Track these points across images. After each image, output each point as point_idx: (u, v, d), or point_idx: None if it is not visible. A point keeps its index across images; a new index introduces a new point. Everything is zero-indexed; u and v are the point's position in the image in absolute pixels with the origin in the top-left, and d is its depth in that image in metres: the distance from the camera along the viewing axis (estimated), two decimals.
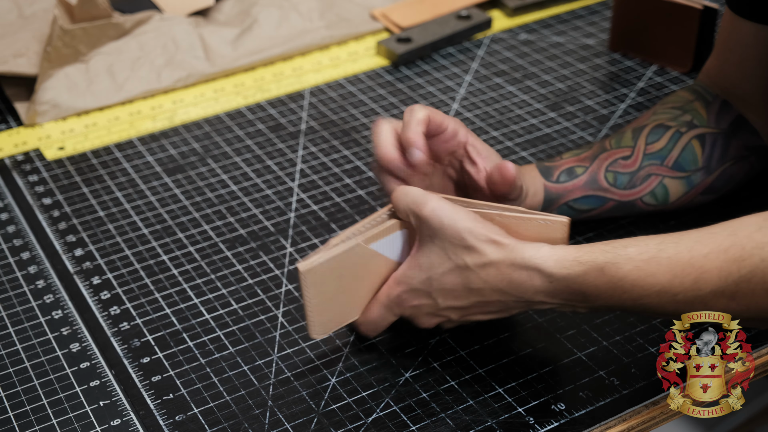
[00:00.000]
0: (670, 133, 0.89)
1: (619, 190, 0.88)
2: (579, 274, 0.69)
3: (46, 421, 0.76)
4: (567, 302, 0.72)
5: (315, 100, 1.17)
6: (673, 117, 0.90)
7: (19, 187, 1.03)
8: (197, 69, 1.19)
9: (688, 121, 0.89)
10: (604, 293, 0.70)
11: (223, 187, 1.02)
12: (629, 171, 0.88)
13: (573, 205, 0.88)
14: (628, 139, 0.89)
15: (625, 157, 0.88)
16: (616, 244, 0.69)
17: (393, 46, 1.23)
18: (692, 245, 0.68)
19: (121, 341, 0.83)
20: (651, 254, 0.68)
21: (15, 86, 1.17)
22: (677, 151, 0.88)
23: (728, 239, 0.67)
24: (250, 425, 0.75)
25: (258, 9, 1.27)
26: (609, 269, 0.69)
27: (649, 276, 0.68)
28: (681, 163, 0.89)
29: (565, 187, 0.87)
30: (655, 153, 0.88)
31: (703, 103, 0.91)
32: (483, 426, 0.75)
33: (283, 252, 0.93)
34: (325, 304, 0.76)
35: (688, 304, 0.69)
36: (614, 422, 0.75)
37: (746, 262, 0.66)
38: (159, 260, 0.92)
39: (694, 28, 1.14)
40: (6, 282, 0.90)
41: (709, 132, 0.89)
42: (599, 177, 0.87)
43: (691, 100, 0.91)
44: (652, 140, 0.88)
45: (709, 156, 0.89)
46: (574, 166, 0.88)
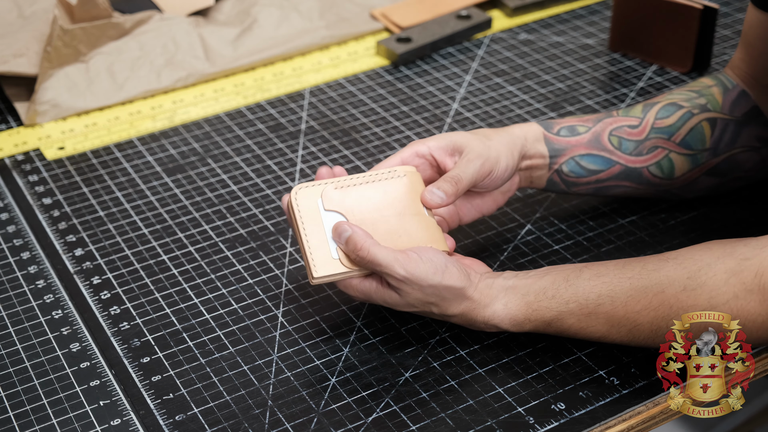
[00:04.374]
0: (681, 112, 0.89)
1: (624, 154, 0.89)
2: (529, 329, 0.79)
3: (46, 421, 0.76)
4: None
5: (315, 100, 1.17)
6: (688, 98, 0.90)
7: (19, 187, 1.03)
8: (197, 69, 1.19)
9: (702, 104, 0.90)
10: (552, 334, 0.80)
11: (223, 187, 1.02)
12: (635, 139, 0.89)
13: (580, 162, 0.89)
14: (638, 111, 0.89)
15: (632, 125, 0.88)
16: (560, 299, 0.77)
17: (393, 46, 1.23)
18: (626, 300, 0.75)
19: (121, 341, 0.83)
20: (590, 310, 0.76)
21: (15, 86, 1.17)
22: (685, 130, 0.89)
23: (657, 298, 0.74)
24: (250, 425, 0.75)
25: (258, 9, 1.27)
26: (554, 323, 0.78)
27: (590, 327, 0.77)
28: (688, 141, 0.89)
29: (568, 141, 0.88)
30: (664, 128, 0.89)
31: (722, 90, 0.91)
32: (483, 426, 0.75)
33: (283, 252, 0.93)
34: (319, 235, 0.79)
35: (626, 344, 0.78)
36: (614, 422, 0.75)
37: (673, 320, 0.74)
38: (159, 260, 0.92)
39: (694, 28, 1.14)
40: (6, 282, 0.90)
41: (721, 117, 0.90)
42: (602, 138, 0.88)
43: (709, 86, 0.92)
44: (662, 116, 0.89)
45: (717, 139, 0.90)
46: (575, 125, 0.88)
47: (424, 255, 0.77)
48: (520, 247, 0.92)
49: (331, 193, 0.81)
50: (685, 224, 0.94)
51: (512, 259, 0.91)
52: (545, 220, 0.96)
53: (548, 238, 0.93)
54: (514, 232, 0.94)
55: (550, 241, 0.93)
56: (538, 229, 0.94)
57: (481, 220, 0.95)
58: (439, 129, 1.10)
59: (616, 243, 0.92)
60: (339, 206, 0.81)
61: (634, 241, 0.92)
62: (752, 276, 0.72)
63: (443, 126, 1.11)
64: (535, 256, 0.91)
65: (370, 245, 0.77)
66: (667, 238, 0.92)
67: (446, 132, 0.90)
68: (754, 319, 0.72)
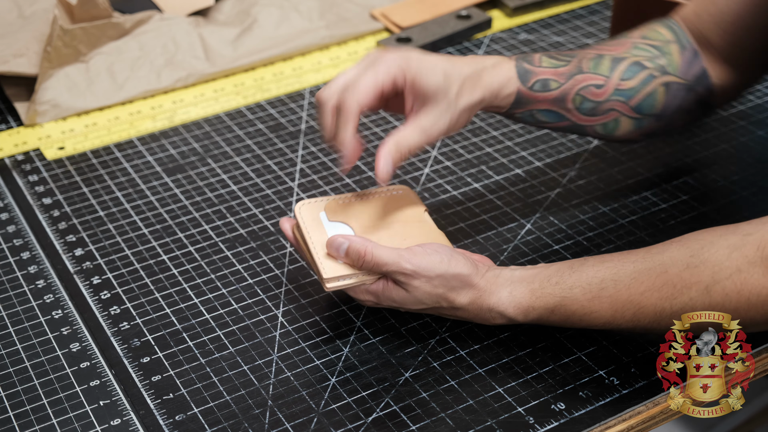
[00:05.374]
0: (644, 75, 0.90)
1: (579, 114, 0.90)
2: (534, 318, 0.79)
3: (46, 420, 0.76)
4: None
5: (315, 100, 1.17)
6: (651, 57, 0.90)
7: (19, 187, 1.03)
8: (197, 69, 1.19)
9: (662, 65, 0.91)
10: (557, 324, 0.79)
11: (223, 187, 1.02)
12: (596, 100, 0.89)
13: (535, 115, 0.89)
14: (606, 67, 0.89)
15: (597, 85, 0.89)
16: (564, 285, 0.77)
17: (393, 46, 1.23)
18: (630, 283, 0.75)
19: (121, 341, 0.83)
20: (594, 294, 0.76)
21: (15, 86, 1.17)
22: (643, 95, 0.90)
23: (661, 278, 0.74)
24: (250, 425, 0.75)
25: (258, 9, 1.27)
26: (559, 310, 0.78)
27: (594, 312, 0.77)
28: (641, 107, 0.90)
29: (536, 97, 0.88)
30: (624, 90, 0.89)
31: (680, 48, 0.92)
32: (483, 426, 0.75)
33: (283, 252, 0.93)
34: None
35: (630, 330, 0.78)
36: (614, 422, 0.75)
37: (677, 300, 0.73)
38: (159, 260, 0.92)
39: None
40: (6, 282, 0.90)
41: (675, 81, 0.91)
42: (568, 97, 0.89)
43: (668, 41, 0.92)
44: (626, 77, 0.89)
45: (667, 105, 0.91)
46: (549, 79, 0.88)
47: (429, 247, 0.79)
48: (520, 247, 0.92)
49: (334, 205, 0.84)
50: (685, 224, 0.94)
51: (512, 259, 0.91)
52: (545, 220, 0.96)
53: (548, 238, 0.93)
54: (514, 232, 0.94)
55: (550, 241, 0.93)
56: (538, 229, 0.94)
57: (482, 220, 0.96)
58: None
59: (616, 243, 0.92)
60: (343, 217, 0.83)
61: (634, 241, 0.92)
62: (754, 249, 0.71)
63: None
64: (535, 256, 0.91)
65: (372, 248, 0.78)
66: (667, 239, 0.92)
67: (425, 67, 0.83)
68: (758, 293, 0.71)
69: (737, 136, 1.07)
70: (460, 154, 1.06)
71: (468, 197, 0.99)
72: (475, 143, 1.08)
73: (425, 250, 0.79)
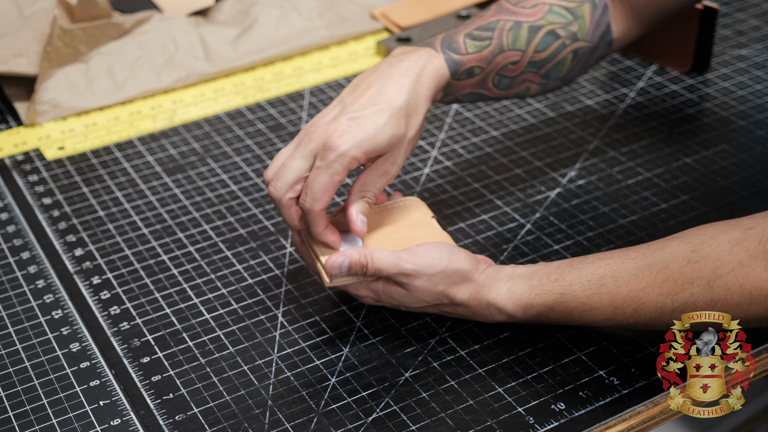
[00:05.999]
0: (556, 44, 0.90)
1: (496, 90, 0.91)
2: (533, 314, 0.79)
3: (46, 421, 0.76)
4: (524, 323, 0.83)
5: (315, 100, 1.17)
6: (565, 24, 0.91)
7: (19, 187, 1.03)
8: (197, 69, 1.19)
9: (573, 32, 0.91)
10: (557, 321, 0.79)
11: (223, 187, 1.02)
12: (512, 76, 0.90)
13: (460, 98, 0.91)
14: (523, 40, 0.89)
15: (514, 62, 0.89)
16: (563, 281, 0.77)
17: (393, 46, 1.23)
18: (630, 279, 0.75)
19: (121, 341, 0.83)
20: (593, 290, 0.76)
21: (15, 86, 1.17)
22: (553, 63, 0.91)
23: (662, 273, 0.74)
24: (250, 425, 0.75)
25: (258, 9, 1.27)
26: (558, 307, 0.77)
27: (594, 309, 0.76)
28: (550, 73, 0.92)
29: (461, 84, 0.89)
30: (537, 62, 0.91)
31: (591, 8, 0.92)
32: (483, 426, 0.75)
33: (283, 252, 0.93)
34: None
35: (631, 327, 0.78)
36: (614, 422, 0.75)
37: (678, 295, 0.73)
38: (159, 260, 0.92)
39: (693, 28, 1.14)
40: (6, 282, 0.90)
41: (583, 46, 0.92)
42: (488, 79, 0.90)
43: (582, 1, 0.92)
44: (540, 48, 0.90)
45: (572, 68, 0.93)
46: (474, 66, 0.88)
47: (428, 245, 0.79)
48: (520, 247, 0.92)
49: (341, 218, 0.85)
50: (685, 224, 0.94)
51: (512, 259, 0.91)
52: (545, 220, 0.96)
53: (548, 238, 0.93)
54: (514, 232, 0.94)
55: (550, 241, 0.93)
56: (538, 229, 0.94)
57: (482, 220, 0.96)
58: (438, 128, 1.10)
59: (616, 243, 0.92)
60: (346, 226, 0.83)
61: (634, 241, 0.92)
62: (756, 243, 0.71)
63: (443, 125, 1.11)
64: (535, 256, 0.91)
65: (371, 255, 0.78)
66: None
67: (376, 138, 0.81)
68: (761, 286, 0.70)
69: (737, 136, 1.07)
70: (460, 154, 1.06)
71: (468, 197, 0.99)
72: (475, 143, 1.08)
73: (425, 249, 0.79)
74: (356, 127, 0.79)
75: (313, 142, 0.80)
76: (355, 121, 0.79)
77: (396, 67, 0.83)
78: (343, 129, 0.79)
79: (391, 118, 0.80)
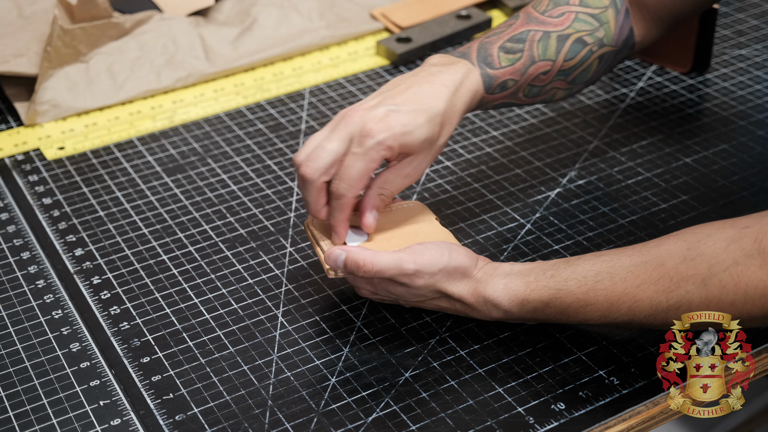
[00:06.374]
0: (584, 51, 0.91)
1: (526, 98, 0.92)
2: (529, 310, 0.79)
3: (46, 420, 0.76)
4: (522, 322, 0.83)
5: (315, 99, 1.17)
6: (591, 31, 0.91)
7: (19, 187, 1.03)
8: (197, 69, 1.19)
9: (600, 38, 0.92)
10: (553, 318, 0.79)
11: (223, 187, 1.02)
12: (541, 85, 0.91)
13: (490, 108, 0.92)
14: (552, 50, 0.90)
15: (545, 72, 0.90)
16: (559, 277, 0.77)
17: (393, 45, 1.23)
18: (626, 276, 0.75)
19: (121, 341, 0.83)
20: (589, 286, 0.76)
21: (15, 86, 1.17)
22: (580, 69, 0.92)
23: (657, 271, 0.74)
24: (250, 425, 0.75)
25: (258, 9, 1.27)
26: (554, 303, 0.77)
27: (589, 305, 0.76)
28: (576, 78, 0.92)
29: (494, 97, 0.89)
30: (566, 70, 0.91)
31: (614, 13, 0.92)
32: (483, 426, 0.75)
33: (283, 252, 0.93)
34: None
35: (626, 325, 0.77)
36: (614, 422, 0.75)
37: (673, 293, 0.73)
38: (159, 260, 0.92)
39: (694, 28, 1.14)
40: (6, 282, 0.90)
41: (608, 51, 0.93)
42: (521, 90, 0.90)
43: (606, 7, 0.92)
44: (569, 57, 0.90)
45: (597, 73, 0.94)
46: (508, 80, 0.89)
47: (428, 244, 0.79)
48: (520, 247, 0.92)
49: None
50: (685, 224, 0.94)
51: (512, 259, 0.91)
52: (545, 220, 0.96)
53: (548, 238, 0.93)
54: (514, 232, 0.94)
55: (550, 241, 0.93)
56: (538, 229, 0.94)
57: (482, 220, 0.96)
58: None
59: (616, 243, 0.92)
60: (354, 221, 0.84)
61: (634, 241, 0.92)
62: (752, 241, 0.71)
63: None
64: (535, 255, 0.91)
65: (371, 257, 0.78)
66: None
67: (412, 134, 0.81)
68: (755, 285, 0.71)
69: (737, 136, 1.07)
70: (460, 154, 1.06)
71: (468, 197, 0.99)
72: (475, 143, 1.08)
73: (424, 247, 0.79)
74: (394, 119, 0.79)
75: (350, 126, 0.79)
76: (394, 113, 0.80)
77: (436, 76, 0.84)
78: (381, 117, 0.79)
79: (428, 120, 0.80)
